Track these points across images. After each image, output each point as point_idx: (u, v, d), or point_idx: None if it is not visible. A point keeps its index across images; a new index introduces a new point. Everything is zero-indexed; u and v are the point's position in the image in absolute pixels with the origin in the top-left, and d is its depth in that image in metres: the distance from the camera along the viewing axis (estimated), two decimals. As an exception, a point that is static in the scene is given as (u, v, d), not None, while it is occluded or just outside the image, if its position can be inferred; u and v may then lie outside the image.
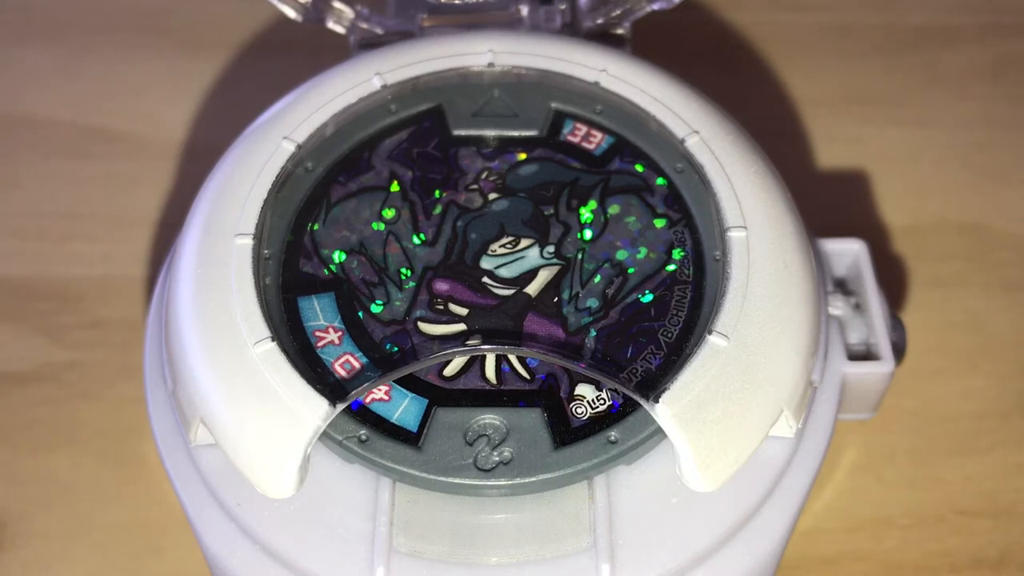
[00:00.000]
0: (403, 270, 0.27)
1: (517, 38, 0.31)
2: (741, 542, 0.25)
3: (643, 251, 0.27)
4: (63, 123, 0.40)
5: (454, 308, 0.26)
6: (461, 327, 0.26)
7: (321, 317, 0.26)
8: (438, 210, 0.28)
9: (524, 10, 0.33)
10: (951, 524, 0.31)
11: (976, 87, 0.41)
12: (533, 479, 0.24)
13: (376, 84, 0.30)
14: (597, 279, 0.27)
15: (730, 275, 0.26)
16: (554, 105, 0.30)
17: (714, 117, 0.29)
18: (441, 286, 0.27)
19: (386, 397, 0.25)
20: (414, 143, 0.29)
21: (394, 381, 0.25)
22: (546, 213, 0.28)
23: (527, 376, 0.25)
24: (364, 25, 0.33)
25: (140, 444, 0.32)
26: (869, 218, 0.37)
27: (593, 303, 0.26)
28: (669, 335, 0.26)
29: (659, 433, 0.24)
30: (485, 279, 0.27)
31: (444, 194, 0.29)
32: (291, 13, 0.33)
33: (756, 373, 0.25)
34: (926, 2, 0.43)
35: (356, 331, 0.26)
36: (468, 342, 0.26)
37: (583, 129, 0.30)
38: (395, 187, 0.29)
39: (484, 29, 0.31)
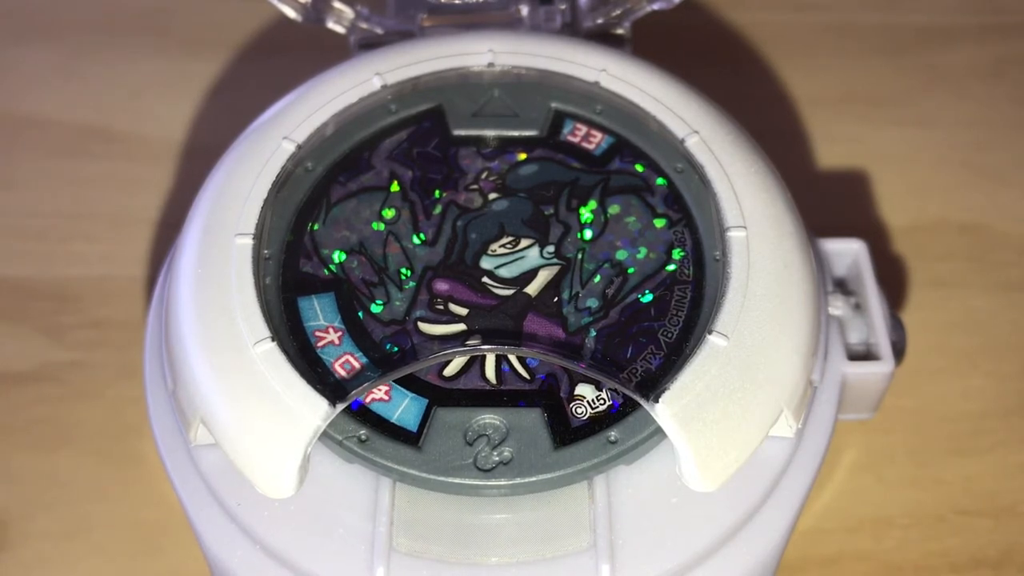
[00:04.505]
0: (403, 270, 0.27)
1: (517, 38, 0.31)
2: (741, 542, 0.25)
3: (643, 251, 0.27)
4: (63, 123, 0.40)
5: (454, 308, 0.26)
6: (461, 327, 0.26)
7: (321, 317, 0.26)
8: (438, 210, 0.28)
9: (524, 10, 0.33)
10: (951, 524, 0.31)
11: (976, 87, 0.41)
12: (533, 479, 0.24)
13: (376, 84, 0.30)
14: (597, 279, 0.27)
15: (730, 275, 0.26)
16: (554, 105, 0.30)
17: (714, 117, 0.29)
18: (441, 286, 0.27)
19: (386, 397, 0.25)
20: (414, 143, 0.29)
21: (394, 381, 0.25)
22: (546, 213, 0.28)
23: (527, 376, 0.25)
24: (364, 25, 0.33)
25: (140, 444, 0.32)
26: (869, 218, 0.37)
27: (593, 303, 0.26)
28: (669, 335, 0.26)
29: (659, 433, 0.24)
30: (485, 279, 0.27)
31: (444, 194, 0.29)
32: (291, 13, 0.33)
33: (756, 373, 0.25)
34: (926, 2, 0.43)
35: (356, 331, 0.26)
36: (468, 342, 0.26)
37: (583, 129, 0.30)
38: (395, 187, 0.29)
39: (484, 29, 0.31)
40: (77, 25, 0.43)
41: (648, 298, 0.26)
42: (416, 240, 0.28)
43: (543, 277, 0.27)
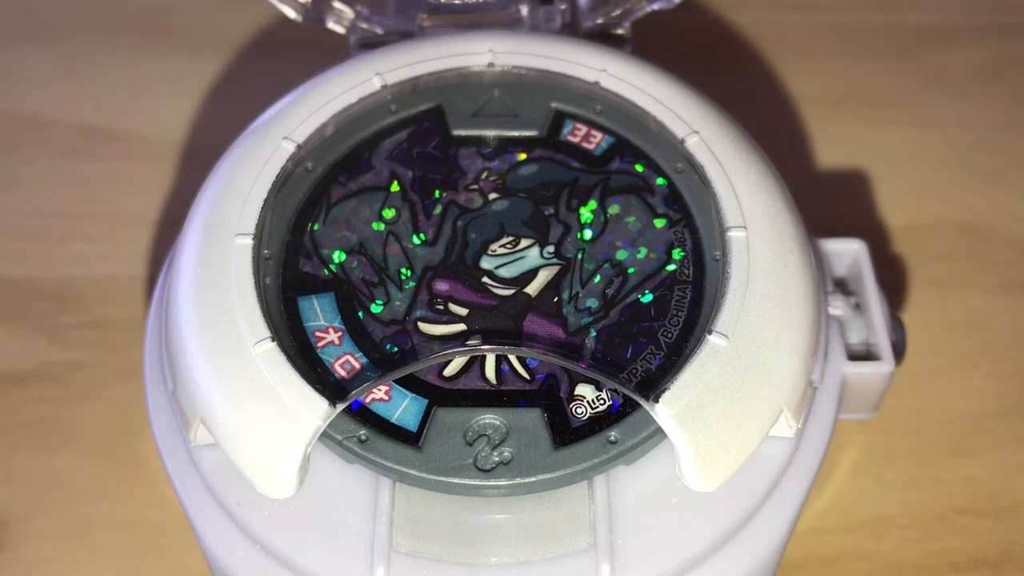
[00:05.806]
0: (403, 270, 0.27)
1: (517, 38, 0.31)
2: (741, 542, 0.25)
3: (643, 251, 0.27)
4: (63, 123, 0.40)
5: (454, 308, 0.26)
6: (461, 327, 0.26)
7: (321, 317, 0.26)
8: (438, 210, 0.28)
9: (524, 10, 0.33)
10: (951, 524, 0.31)
11: (976, 87, 0.41)
12: (533, 479, 0.24)
13: (376, 84, 0.30)
14: (597, 279, 0.27)
15: (730, 275, 0.26)
16: (554, 105, 0.30)
17: (714, 117, 0.29)
18: (441, 286, 0.27)
19: (386, 397, 0.25)
20: (414, 143, 0.29)
21: (394, 381, 0.25)
22: (546, 213, 0.28)
23: (527, 376, 0.25)
24: (364, 25, 0.33)
25: (140, 444, 0.32)
26: (869, 218, 0.37)
27: (593, 303, 0.26)
28: (669, 335, 0.26)
29: (659, 433, 0.24)
30: (485, 279, 0.27)
31: (444, 194, 0.29)
32: (291, 13, 0.33)
33: (756, 373, 0.25)
34: (926, 2, 0.43)
35: (356, 331, 0.26)
36: (468, 342, 0.26)
37: (583, 129, 0.30)
38: (395, 187, 0.29)
39: (484, 29, 0.31)
40: (77, 25, 0.43)
41: (648, 298, 0.26)
42: (416, 240, 0.28)
43: (543, 277, 0.27)
